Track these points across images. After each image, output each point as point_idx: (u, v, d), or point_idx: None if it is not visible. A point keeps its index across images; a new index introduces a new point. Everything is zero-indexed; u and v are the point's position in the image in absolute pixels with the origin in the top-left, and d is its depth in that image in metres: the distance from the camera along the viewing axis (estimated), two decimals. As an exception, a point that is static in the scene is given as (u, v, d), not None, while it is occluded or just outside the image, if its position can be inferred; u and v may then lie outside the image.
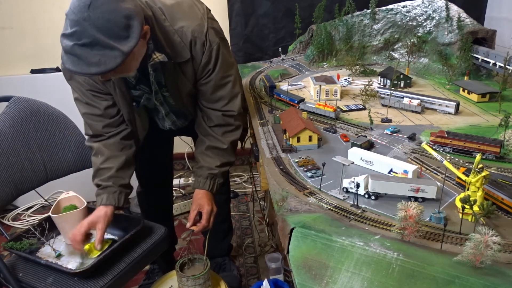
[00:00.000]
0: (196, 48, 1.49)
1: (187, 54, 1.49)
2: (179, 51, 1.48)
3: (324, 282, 0.95)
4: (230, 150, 1.70)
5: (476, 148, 1.48)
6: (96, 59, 1.21)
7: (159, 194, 2.21)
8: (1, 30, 3.04)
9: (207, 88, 1.60)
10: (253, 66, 2.86)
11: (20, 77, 3.01)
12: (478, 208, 1.13)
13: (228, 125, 1.68)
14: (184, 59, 1.49)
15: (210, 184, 1.67)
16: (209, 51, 1.51)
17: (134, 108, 1.65)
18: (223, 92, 1.62)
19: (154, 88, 1.60)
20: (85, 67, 1.22)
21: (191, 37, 1.47)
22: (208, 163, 1.67)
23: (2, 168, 1.73)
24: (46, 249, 1.63)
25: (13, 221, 3.10)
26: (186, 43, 1.47)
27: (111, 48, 1.21)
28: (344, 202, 1.27)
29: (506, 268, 0.97)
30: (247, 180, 3.48)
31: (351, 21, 2.78)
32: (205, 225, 1.65)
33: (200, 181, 1.67)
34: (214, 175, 1.67)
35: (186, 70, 1.53)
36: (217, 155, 1.68)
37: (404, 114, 1.92)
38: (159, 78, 1.56)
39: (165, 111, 1.75)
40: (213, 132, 1.67)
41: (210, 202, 1.67)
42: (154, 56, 1.45)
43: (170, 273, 1.74)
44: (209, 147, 1.68)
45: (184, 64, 1.52)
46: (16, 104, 1.86)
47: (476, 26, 2.38)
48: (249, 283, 2.38)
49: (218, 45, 1.53)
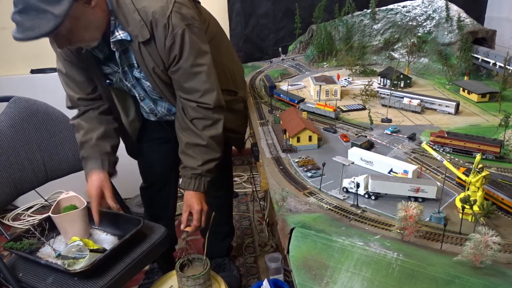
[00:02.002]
0: (157, 30, 1.48)
1: (147, 34, 1.47)
2: (139, 29, 1.48)
3: (324, 282, 0.95)
4: (212, 146, 1.65)
5: (476, 148, 1.48)
6: (30, 23, 1.28)
7: (161, 192, 2.20)
8: (1, 30, 3.03)
9: (178, 77, 1.57)
10: (253, 66, 2.86)
11: (20, 77, 3.01)
12: (478, 208, 1.13)
13: (206, 118, 1.62)
14: (144, 39, 1.48)
15: (196, 184, 1.65)
16: (172, 35, 1.48)
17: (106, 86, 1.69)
18: (195, 83, 1.57)
19: (122, 68, 1.61)
20: (22, 33, 1.30)
21: (151, 17, 1.46)
22: (190, 163, 1.64)
23: (2, 168, 1.74)
24: (46, 249, 1.63)
25: (13, 221, 3.10)
26: (146, 22, 1.47)
27: (44, 11, 1.27)
28: (344, 202, 1.27)
29: (506, 268, 0.97)
30: (247, 180, 3.48)
31: (351, 21, 2.79)
32: (197, 225, 1.65)
33: (185, 182, 1.66)
34: (198, 174, 1.64)
35: (150, 51, 1.52)
36: (198, 154, 1.63)
37: (404, 114, 1.92)
38: (129, 59, 1.59)
39: (139, 95, 1.74)
40: (192, 126, 1.63)
41: (199, 202, 1.65)
42: (117, 33, 1.48)
43: (170, 273, 1.74)
44: (188, 144, 1.64)
45: (147, 45, 1.50)
46: (16, 104, 1.86)
47: (476, 26, 2.38)
48: (249, 283, 2.38)
49: (183, 30, 1.49)
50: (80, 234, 1.62)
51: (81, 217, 1.63)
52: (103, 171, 1.66)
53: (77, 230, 1.63)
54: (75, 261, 1.48)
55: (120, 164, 2.29)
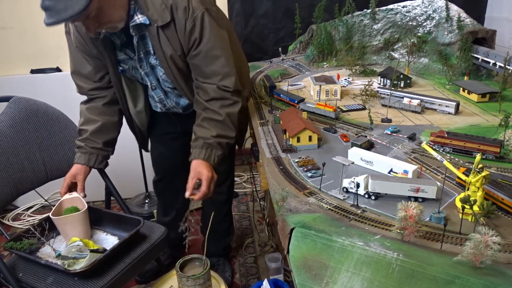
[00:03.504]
0: (178, 13, 1.52)
1: (168, 17, 1.51)
2: (160, 13, 1.51)
3: (324, 282, 0.95)
4: (228, 123, 1.64)
5: (476, 148, 1.48)
6: (62, 5, 1.33)
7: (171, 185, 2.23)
8: (1, 30, 3.04)
9: (199, 61, 1.59)
10: (253, 66, 2.85)
11: (20, 77, 3.01)
12: (478, 208, 1.13)
13: (225, 99, 1.64)
14: (164, 22, 1.51)
15: (206, 153, 1.60)
16: (193, 17, 1.52)
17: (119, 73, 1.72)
18: (216, 67, 1.60)
19: (138, 54, 1.63)
20: (55, 15, 1.34)
21: (171, 1, 1.50)
22: (203, 133, 1.62)
23: (2, 168, 1.73)
24: (46, 249, 1.63)
25: (13, 221, 3.10)
26: (167, 5, 1.50)
27: None
28: (344, 202, 1.27)
29: (506, 268, 0.97)
30: (247, 180, 3.48)
31: (351, 21, 2.79)
32: (206, 192, 1.57)
33: (196, 152, 1.61)
34: (210, 144, 1.60)
35: (169, 35, 1.55)
36: (213, 126, 1.62)
37: (404, 114, 1.92)
38: (146, 46, 1.61)
39: (151, 83, 1.75)
40: (210, 106, 1.63)
41: (209, 169, 1.59)
42: (136, 17, 1.51)
43: (170, 273, 1.74)
44: (205, 118, 1.64)
45: (166, 29, 1.53)
46: (16, 104, 1.86)
47: (476, 26, 2.38)
48: (249, 283, 2.38)
49: (203, 13, 1.53)
50: (80, 237, 1.61)
51: (81, 220, 1.62)
52: (87, 166, 1.74)
53: (77, 232, 1.62)
54: (75, 261, 1.48)
55: (120, 164, 2.29)
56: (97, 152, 1.76)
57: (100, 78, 1.74)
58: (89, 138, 1.75)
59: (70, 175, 1.72)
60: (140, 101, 1.88)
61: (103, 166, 1.82)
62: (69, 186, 1.71)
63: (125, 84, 1.78)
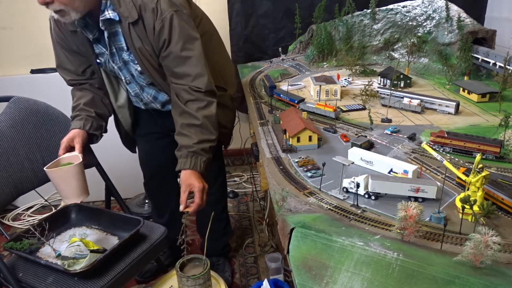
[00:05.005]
0: (146, 13, 1.57)
1: (135, 14, 1.56)
2: (129, 10, 1.56)
3: (324, 282, 0.95)
4: (207, 126, 1.65)
5: (476, 148, 1.48)
6: None
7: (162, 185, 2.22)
8: (1, 30, 3.04)
9: (169, 62, 1.63)
10: (253, 66, 2.86)
11: (20, 77, 3.00)
12: (478, 208, 1.13)
13: (199, 100, 1.65)
14: (133, 19, 1.57)
15: (192, 162, 1.61)
16: (161, 19, 1.56)
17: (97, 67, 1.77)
18: (186, 68, 1.62)
19: (110, 49, 1.68)
20: None
21: (140, 2, 1.56)
22: (185, 142, 1.63)
23: (2, 168, 1.73)
24: (46, 249, 1.63)
25: (13, 221, 3.10)
26: (135, 4, 1.56)
27: None
28: (344, 202, 1.27)
29: (506, 268, 0.97)
30: (247, 180, 3.48)
31: (351, 21, 2.79)
32: (200, 203, 1.59)
33: (181, 162, 1.62)
34: (194, 152, 1.62)
35: (139, 32, 1.60)
36: (193, 133, 1.63)
37: (404, 114, 1.92)
38: (118, 41, 1.66)
39: (125, 78, 1.79)
40: (187, 109, 1.64)
41: (199, 180, 1.61)
42: (106, 12, 1.56)
43: (170, 273, 1.74)
44: (183, 125, 1.65)
45: (136, 26, 1.58)
46: (16, 104, 1.86)
47: (476, 26, 2.38)
48: (249, 283, 2.38)
49: (172, 15, 1.57)
50: (75, 193, 1.59)
51: (75, 173, 1.58)
52: (82, 130, 1.74)
53: (72, 188, 1.59)
54: (75, 261, 1.48)
55: (120, 164, 2.29)
56: (91, 119, 1.76)
57: (83, 71, 1.80)
58: (83, 108, 1.77)
59: (67, 138, 1.71)
60: (121, 97, 1.92)
61: (98, 134, 1.80)
62: (67, 149, 1.69)
63: (106, 78, 1.83)
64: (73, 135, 1.72)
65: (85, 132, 1.73)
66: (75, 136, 1.72)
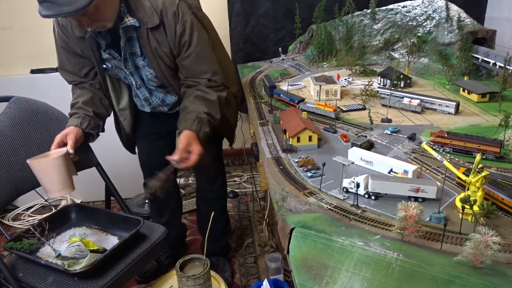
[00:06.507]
0: (168, 17, 1.60)
1: (157, 20, 1.59)
2: (149, 16, 1.58)
3: (324, 282, 0.95)
4: (217, 105, 1.74)
5: (476, 148, 1.48)
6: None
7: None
8: (1, 30, 3.04)
9: (190, 62, 1.69)
10: (253, 66, 2.86)
11: (20, 77, 3.01)
12: (478, 208, 1.13)
13: (215, 86, 1.75)
14: (154, 25, 1.59)
15: (198, 127, 1.64)
16: (182, 22, 1.61)
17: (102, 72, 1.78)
18: (205, 66, 1.71)
19: (124, 55, 1.69)
20: (57, 7, 1.36)
21: (161, 6, 1.59)
22: (196, 108, 1.67)
23: (2, 168, 1.73)
24: (46, 249, 1.63)
25: (13, 221, 3.10)
26: (156, 10, 1.58)
27: None
28: (344, 202, 1.27)
29: (506, 268, 0.97)
30: (247, 180, 3.48)
31: (351, 21, 2.78)
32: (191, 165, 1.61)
33: (188, 123, 1.64)
34: (201, 119, 1.66)
35: (159, 37, 1.63)
36: (205, 105, 1.70)
37: (404, 114, 1.92)
38: (133, 47, 1.68)
39: (136, 82, 1.81)
40: (203, 87, 1.72)
41: (199, 144, 1.63)
42: (126, 19, 1.58)
43: (170, 273, 1.74)
44: (198, 96, 1.71)
45: (156, 31, 1.61)
46: (16, 104, 1.86)
47: (476, 26, 2.38)
48: (249, 283, 2.38)
49: (191, 17, 1.62)
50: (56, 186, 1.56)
51: (55, 166, 1.55)
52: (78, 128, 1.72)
53: (53, 181, 1.56)
54: (75, 261, 1.48)
55: (120, 164, 2.29)
56: (89, 118, 1.76)
57: (85, 74, 1.81)
58: (81, 107, 1.76)
59: (61, 134, 1.69)
60: (123, 99, 1.93)
61: (95, 134, 1.79)
62: (60, 145, 1.67)
63: (109, 82, 1.84)
64: (67, 132, 1.71)
65: (80, 130, 1.72)
66: (69, 132, 1.70)
